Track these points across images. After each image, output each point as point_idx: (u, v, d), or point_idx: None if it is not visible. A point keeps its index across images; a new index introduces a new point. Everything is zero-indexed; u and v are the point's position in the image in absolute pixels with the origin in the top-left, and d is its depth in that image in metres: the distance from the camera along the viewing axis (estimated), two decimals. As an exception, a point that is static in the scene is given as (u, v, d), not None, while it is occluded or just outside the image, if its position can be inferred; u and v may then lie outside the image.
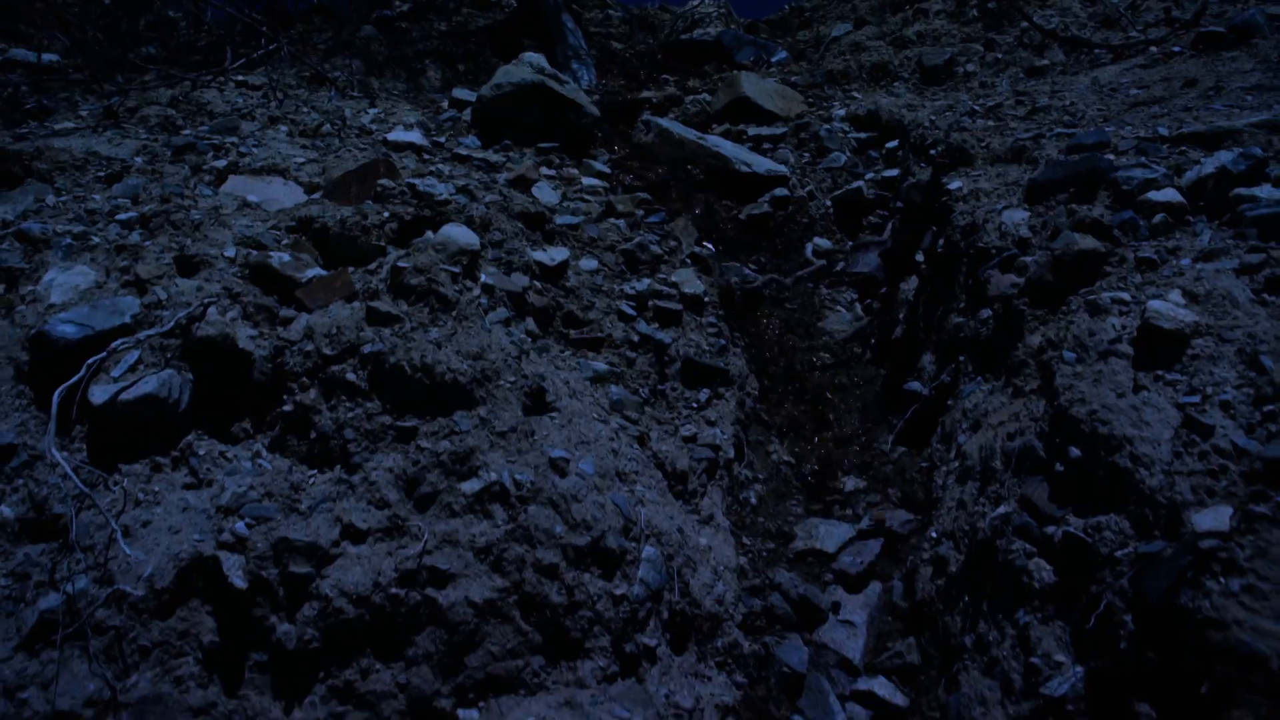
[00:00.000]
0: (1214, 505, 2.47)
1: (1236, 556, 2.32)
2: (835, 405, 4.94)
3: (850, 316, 5.68)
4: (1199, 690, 2.26)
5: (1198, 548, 2.36)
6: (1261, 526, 2.33)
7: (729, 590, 3.44)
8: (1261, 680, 2.14)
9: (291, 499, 3.12)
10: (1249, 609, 2.22)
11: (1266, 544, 2.30)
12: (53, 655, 2.89)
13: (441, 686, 2.97)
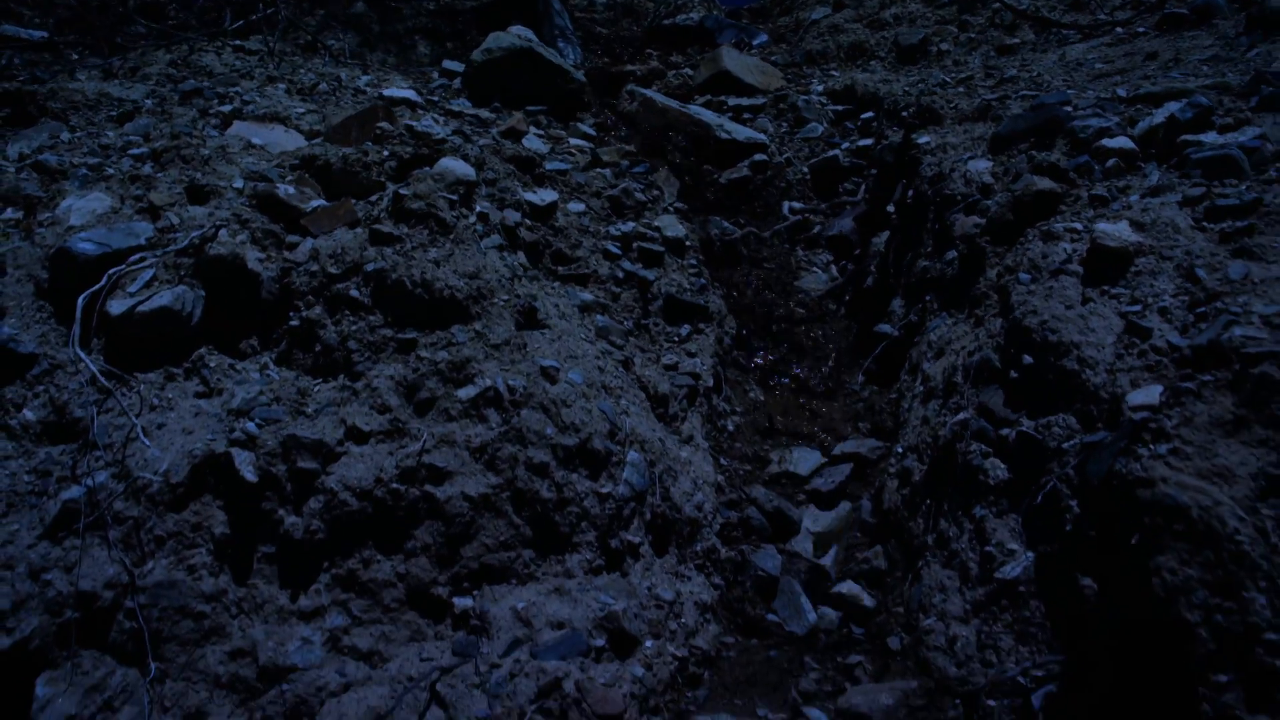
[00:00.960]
0: (1146, 385, 2.72)
1: (1164, 426, 2.56)
2: (810, 353, 5.17)
3: (825, 277, 5.92)
4: (1130, 543, 2.50)
5: (1132, 421, 2.60)
6: (1187, 400, 2.58)
7: (707, 500, 3.66)
8: (1183, 527, 2.38)
9: (298, 404, 3.32)
10: (1173, 468, 2.46)
11: (1191, 414, 2.54)
12: (75, 542, 3.08)
13: (439, 576, 3.17)
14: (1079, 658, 2.75)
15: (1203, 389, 2.59)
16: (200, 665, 3.07)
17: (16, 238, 3.56)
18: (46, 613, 3.00)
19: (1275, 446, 2.41)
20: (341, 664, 3.07)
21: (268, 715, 3.03)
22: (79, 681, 2.98)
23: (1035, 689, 2.79)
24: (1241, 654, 2.30)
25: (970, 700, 2.91)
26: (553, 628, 3.05)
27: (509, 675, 2.94)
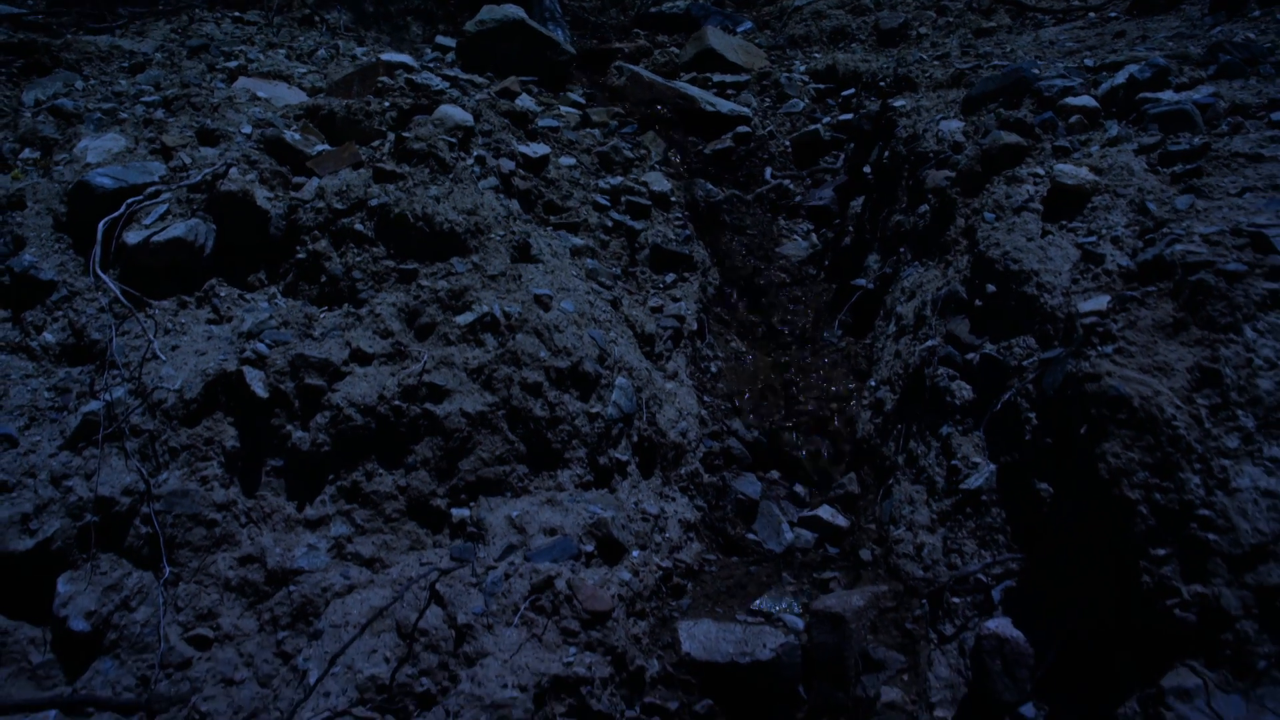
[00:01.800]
0: (1095, 296, 2.94)
1: (1111, 329, 2.79)
2: (790, 311, 5.38)
3: (806, 244, 6.13)
4: (1079, 433, 2.72)
5: (1081, 325, 2.83)
6: (1132, 306, 2.81)
7: (691, 429, 3.87)
8: (1126, 416, 2.60)
9: (306, 328, 3.51)
10: (1118, 364, 2.68)
11: (1135, 318, 2.77)
12: (94, 452, 3.26)
13: (437, 488, 3.37)
14: (1036, 555, 2.96)
15: (1146, 297, 2.82)
16: (211, 570, 3.26)
17: (35, 175, 3.74)
18: (67, 516, 3.18)
19: (1210, 344, 2.64)
20: (345, 569, 3.26)
21: (276, 615, 3.21)
22: (98, 581, 3.16)
23: (995, 585, 3.01)
24: (1178, 528, 2.52)
25: (935, 597, 3.12)
26: (545, 534, 3.24)
27: (504, 576, 3.13)
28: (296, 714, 3.00)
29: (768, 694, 3.12)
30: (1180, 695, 2.47)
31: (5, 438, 3.24)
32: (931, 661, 3.02)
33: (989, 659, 2.76)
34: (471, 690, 2.87)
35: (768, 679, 3.12)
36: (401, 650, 3.05)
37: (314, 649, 3.12)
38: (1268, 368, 2.58)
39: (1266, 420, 2.54)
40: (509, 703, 2.84)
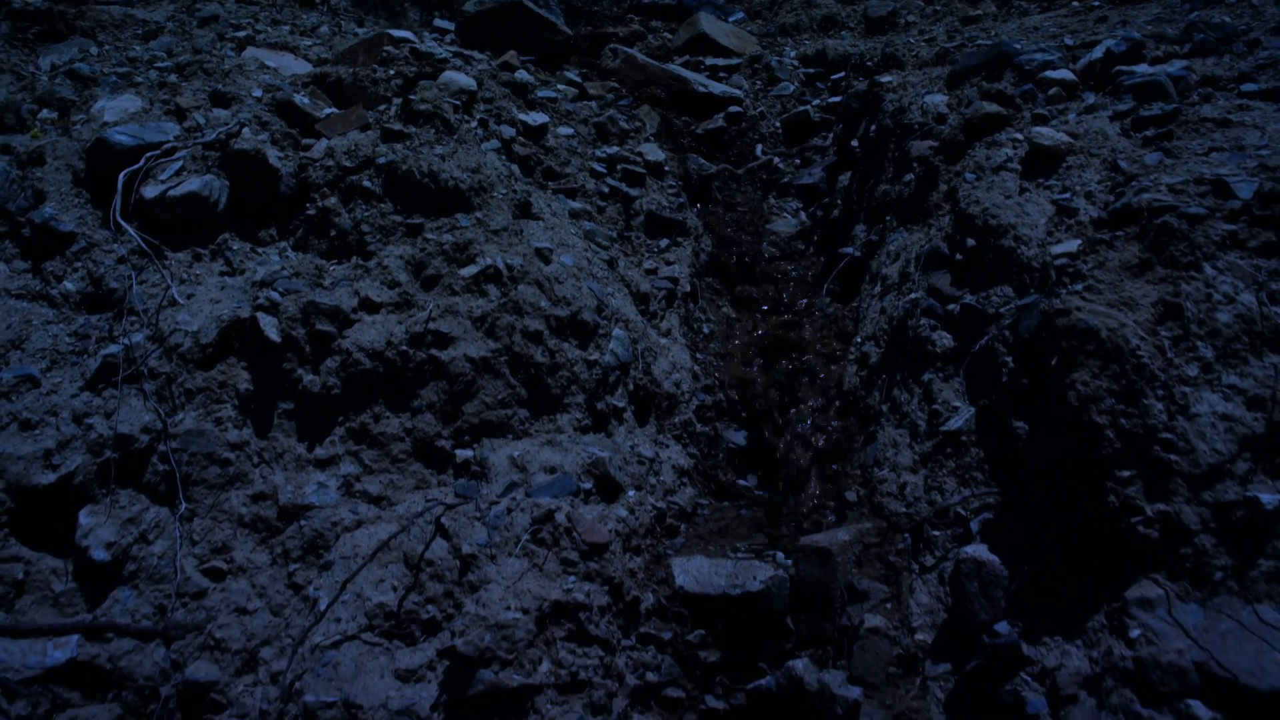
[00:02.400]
0: (1067, 241, 3.12)
1: (1081, 269, 2.96)
2: (780, 283, 5.55)
3: (795, 222, 6.29)
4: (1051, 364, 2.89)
5: (1053, 266, 3.00)
6: (1101, 248, 2.98)
7: (685, 381, 4.03)
8: (1094, 347, 2.77)
9: (316, 278, 3.66)
10: (1087, 300, 2.85)
11: (1103, 259, 2.94)
12: (113, 393, 3.41)
13: (442, 430, 3.52)
14: (1012, 489, 3.13)
15: (1114, 240, 2.99)
16: (225, 506, 3.40)
17: (54, 133, 3.88)
18: (88, 453, 3.32)
19: (1173, 281, 2.81)
20: (354, 505, 3.41)
21: (287, 548, 3.36)
22: (117, 515, 3.30)
23: (973, 518, 3.17)
24: (1141, 451, 2.70)
25: (917, 531, 3.29)
26: (546, 472, 3.40)
27: (506, 510, 3.28)
28: (307, 638, 3.15)
29: (757, 624, 3.27)
30: (1143, 605, 2.65)
31: (28, 378, 3.39)
32: (913, 590, 3.18)
33: (967, 582, 2.93)
34: (476, 611, 3.02)
35: (757, 610, 3.27)
36: (408, 580, 3.20)
37: (324, 579, 3.27)
38: (1226, 302, 2.75)
39: (1225, 350, 2.72)
40: (512, 623, 2.99)
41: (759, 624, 3.28)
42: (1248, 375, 2.69)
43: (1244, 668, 2.50)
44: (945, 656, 3.00)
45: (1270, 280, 2.75)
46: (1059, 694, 2.70)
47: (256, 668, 3.19)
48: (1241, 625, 2.55)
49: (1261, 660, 2.50)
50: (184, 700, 3.16)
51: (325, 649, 3.09)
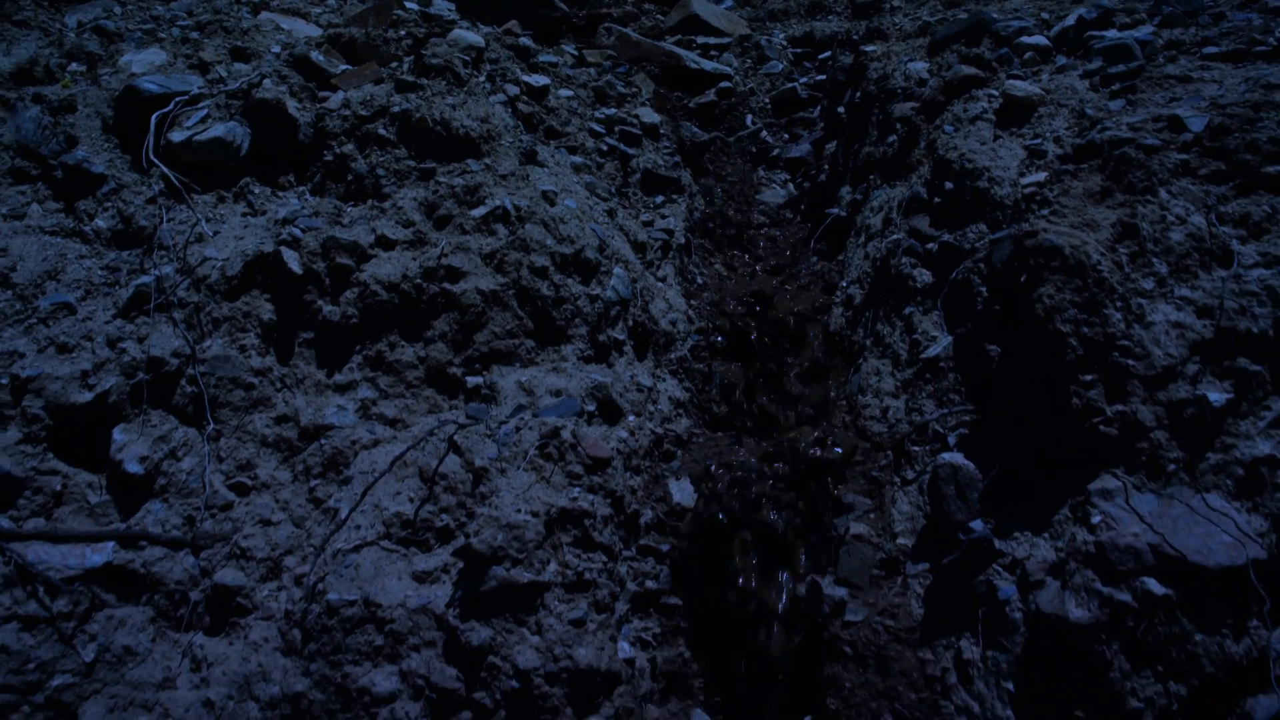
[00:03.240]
0: (1035, 173, 3.37)
1: (1047, 195, 3.21)
2: (769, 247, 5.80)
3: (784, 193, 6.55)
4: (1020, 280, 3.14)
5: (1022, 194, 3.25)
6: (1066, 178, 3.24)
7: (680, 321, 4.27)
8: (1058, 263, 3.02)
9: (335, 217, 3.89)
10: (1053, 223, 3.11)
11: (1068, 188, 3.20)
12: (145, 320, 3.62)
13: (454, 358, 3.74)
14: (986, 407, 3.38)
15: (1079, 171, 3.25)
16: (249, 427, 3.62)
17: (84, 84, 4.10)
18: (122, 375, 3.53)
19: (1130, 205, 3.06)
20: (371, 426, 3.63)
21: (308, 465, 3.58)
22: (149, 432, 3.51)
23: (949, 433, 3.42)
24: (1102, 356, 2.95)
25: (898, 447, 3.53)
26: (551, 395, 3.63)
27: (515, 429, 3.51)
28: (329, 545, 3.37)
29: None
30: (1104, 495, 2.90)
31: (64, 305, 3.60)
32: (895, 500, 3.42)
33: (944, 485, 3.17)
34: (489, 513, 3.25)
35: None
36: (423, 492, 3.42)
37: (344, 493, 3.49)
38: (1178, 223, 3.01)
39: (1177, 266, 2.97)
40: (522, 525, 3.22)
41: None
42: (1198, 287, 2.94)
43: (1193, 548, 2.76)
44: (924, 557, 3.25)
45: (1218, 203, 3.00)
46: (1028, 580, 2.95)
47: (280, 574, 3.41)
48: (1191, 511, 2.80)
49: (1208, 541, 2.76)
50: (212, 603, 3.37)
51: (346, 553, 3.31)
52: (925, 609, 3.15)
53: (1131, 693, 2.76)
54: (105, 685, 3.19)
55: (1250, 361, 2.86)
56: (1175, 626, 2.75)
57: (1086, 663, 2.81)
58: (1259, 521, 2.78)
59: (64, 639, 3.18)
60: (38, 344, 3.54)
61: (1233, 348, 2.87)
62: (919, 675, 3.07)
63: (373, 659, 3.19)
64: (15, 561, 3.19)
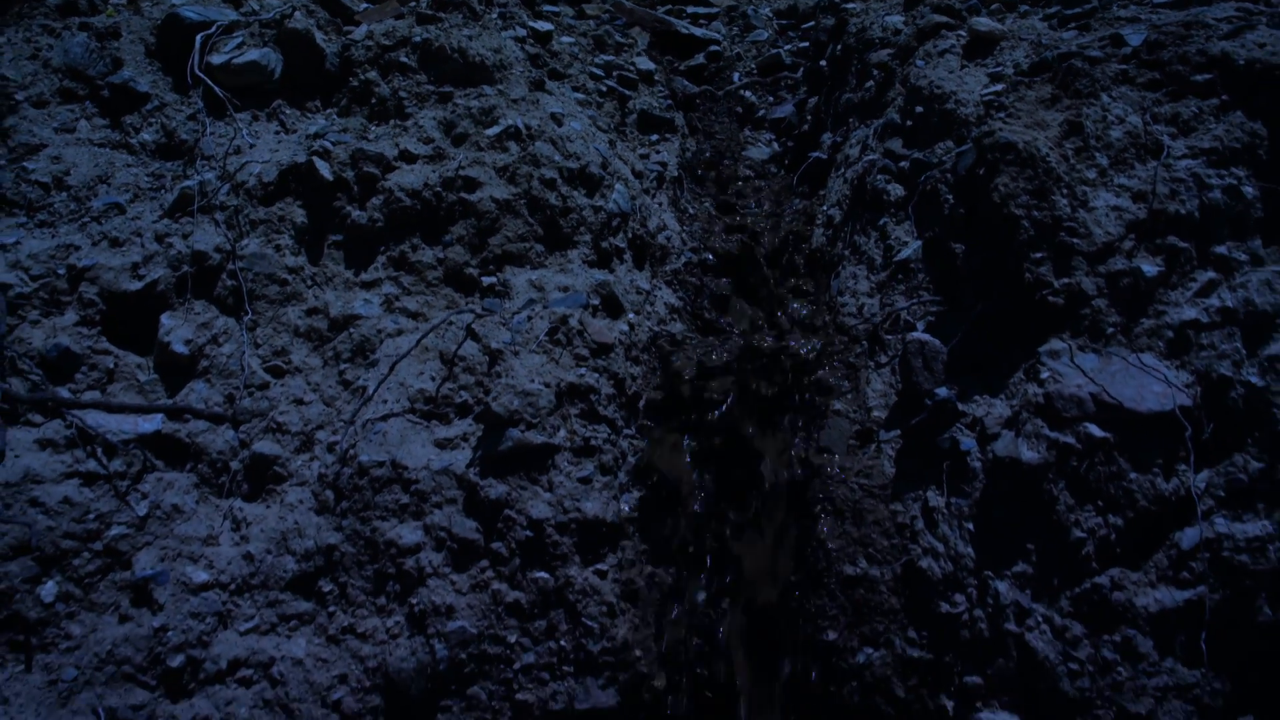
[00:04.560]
0: (994, 86, 3.78)
1: (1004, 102, 3.62)
2: (754, 195, 6.19)
3: (769, 150, 6.94)
4: (979, 178, 3.54)
5: (982, 101, 3.66)
6: (1021, 89, 3.64)
7: (674, 240, 4.65)
8: (1012, 156, 3.43)
9: (362, 134, 4.25)
10: (1008, 123, 3.51)
11: (1023, 96, 3.60)
12: (189, 220, 3.97)
13: (470, 260, 4.11)
14: (951, 299, 3.77)
15: (1032, 83, 3.66)
16: (283, 319, 3.97)
17: (126, 14, 4.45)
18: (168, 267, 3.88)
19: (1076, 108, 3.47)
20: (395, 319, 3.99)
21: (338, 351, 3.93)
22: (192, 319, 3.86)
23: (918, 321, 3.81)
24: (1050, 237, 3.35)
25: (873, 336, 3.92)
26: (560, 291, 4.00)
27: (527, 318, 3.88)
28: (358, 417, 3.72)
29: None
30: (1052, 355, 3.29)
31: (115, 205, 3.94)
32: (869, 381, 3.81)
33: (912, 359, 3.56)
34: (506, 381, 3.61)
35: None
36: (444, 372, 3.78)
37: (371, 374, 3.85)
38: (1118, 122, 3.42)
39: (1116, 159, 3.38)
40: (536, 393, 3.59)
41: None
42: (1134, 176, 3.35)
43: (1128, 396, 3.15)
44: (895, 425, 3.63)
45: (1153, 106, 3.41)
46: (986, 433, 3.34)
47: (313, 447, 3.76)
48: (1128, 366, 3.20)
49: (1142, 391, 3.16)
50: (250, 472, 3.72)
51: (374, 422, 3.67)
52: (896, 468, 3.53)
53: (1075, 524, 3.16)
54: (156, 538, 3.53)
55: (1179, 239, 3.27)
56: (1113, 466, 3.14)
57: (1036, 500, 3.20)
58: (1186, 376, 3.19)
59: (119, 495, 3.51)
60: (91, 239, 3.88)
61: (1164, 227, 3.27)
62: (890, 524, 3.46)
63: (399, 515, 3.54)
64: (76, 425, 3.52)
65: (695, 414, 3.90)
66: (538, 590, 3.47)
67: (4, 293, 3.68)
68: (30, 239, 3.86)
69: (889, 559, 3.42)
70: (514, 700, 3.44)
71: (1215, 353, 3.16)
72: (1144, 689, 3.09)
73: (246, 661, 3.44)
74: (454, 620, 3.43)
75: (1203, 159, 3.28)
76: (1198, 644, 3.10)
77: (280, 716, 3.40)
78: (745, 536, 3.66)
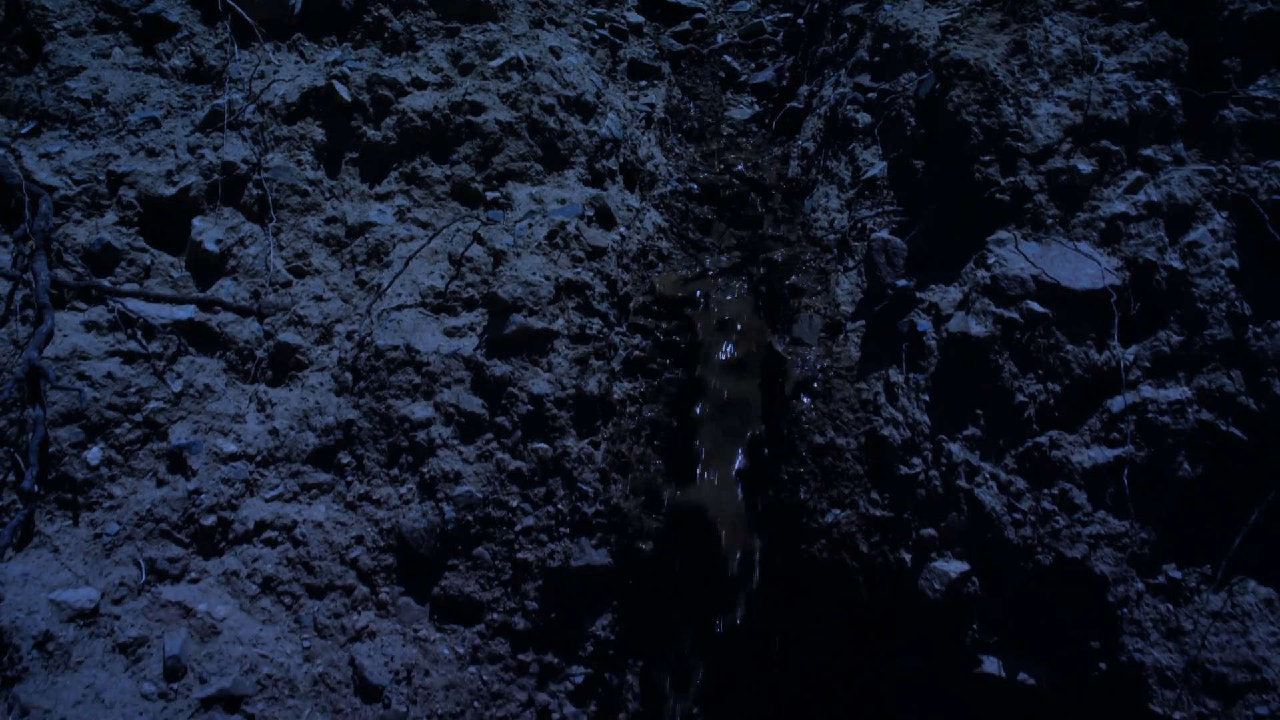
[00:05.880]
0: (951, 14, 4.20)
1: (958, 26, 4.03)
2: (737, 151, 6.60)
3: (750, 111, 7.37)
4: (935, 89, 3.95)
5: (939, 27, 4.07)
6: (974, 15, 4.06)
7: (662, 169, 5.05)
8: (964, 72, 3.84)
9: (376, 62, 4.63)
10: (960, 44, 3.92)
11: (974, 22, 4.02)
12: (219, 134, 4.34)
13: (475, 176, 4.48)
14: (913, 209, 4.17)
15: (985, 10, 4.08)
16: (304, 226, 4.33)
17: (157, -46, 4.81)
18: (200, 175, 4.24)
19: (1021, 30, 3.89)
20: (407, 227, 4.36)
21: (355, 254, 4.30)
22: (222, 223, 4.22)
23: (883, 228, 4.21)
24: (998, 141, 3.76)
25: (842, 243, 4.32)
26: (558, 203, 4.38)
27: (528, 225, 4.26)
28: (373, 309, 4.09)
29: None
30: (998, 244, 3.70)
31: (151, 120, 4.30)
32: (838, 282, 4.21)
33: (876, 255, 3.96)
34: (510, 273, 3.99)
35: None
36: (452, 272, 4.16)
37: (385, 274, 4.21)
38: (1058, 42, 3.84)
39: (1057, 74, 3.80)
40: (537, 283, 3.97)
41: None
42: (1071, 88, 3.77)
43: (1065, 277, 3.56)
44: (861, 316, 4.03)
45: (1090, 29, 3.83)
46: (940, 315, 3.74)
47: (332, 338, 4.12)
48: (1065, 251, 3.61)
49: (1076, 273, 3.56)
50: (274, 360, 4.08)
51: (389, 312, 4.04)
52: (861, 352, 3.93)
53: (1019, 391, 3.55)
54: (189, 414, 3.89)
55: (1111, 143, 3.68)
56: (1052, 338, 3.54)
57: (984, 370, 3.60)
58: (1116, 261, 3.60)
59: (157, 374, 3.87)
60: (129, 149, 4.24)
61: (1097, 132, 3.69)
62: (856, 400, 3.85)
63: (411, 394, 3.91)
64: (119, 310, 3.88)
65: (681, 313, 4.28)
66: (537, 459, 3.84)
67: (50, 194, 4.03)
68: (72, 149, 4.22)
69: (854, 430, 3.81)
70: (515, 559, 3.80)
71: (1142, 241, 3.57)
72: (1079, 536, 3.48)
73: (271, 524, 3.79)
74: (461, 485, 3.79)
75: (1132, 72, 3.70)
76: (1125, 497, 3.49)
77: (302, 573, 3.75)
78: (724, 418, 4.04)
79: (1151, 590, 3.47)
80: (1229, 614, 3.43)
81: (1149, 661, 3.41)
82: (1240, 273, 3.46)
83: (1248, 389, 3.40)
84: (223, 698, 3.39)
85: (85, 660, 3.35)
